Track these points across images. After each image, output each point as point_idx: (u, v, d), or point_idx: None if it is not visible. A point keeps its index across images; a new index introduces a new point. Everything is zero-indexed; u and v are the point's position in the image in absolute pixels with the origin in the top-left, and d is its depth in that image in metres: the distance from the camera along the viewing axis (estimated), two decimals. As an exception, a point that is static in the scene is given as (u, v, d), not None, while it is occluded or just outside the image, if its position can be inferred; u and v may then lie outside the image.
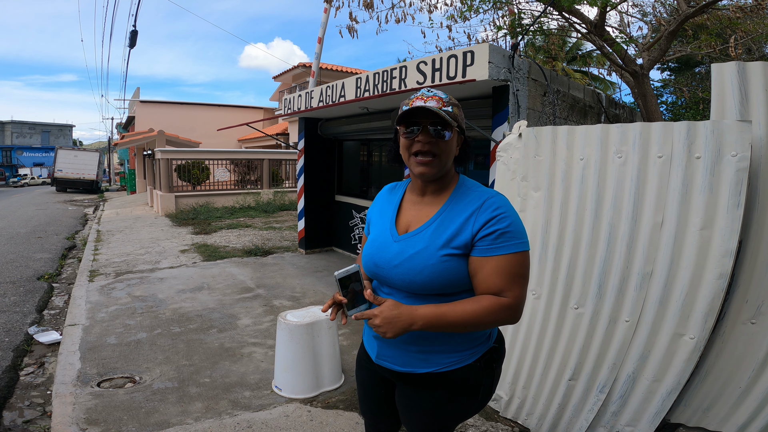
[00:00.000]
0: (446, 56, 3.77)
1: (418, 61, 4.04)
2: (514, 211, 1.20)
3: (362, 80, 4.74)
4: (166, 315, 4.21)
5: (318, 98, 5.58)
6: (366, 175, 6.92)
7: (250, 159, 13.48)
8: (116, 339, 3.69)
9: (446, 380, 1.23)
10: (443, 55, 3.81)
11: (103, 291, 4.97)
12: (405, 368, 1.26)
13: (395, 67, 4.33)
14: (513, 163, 2.39)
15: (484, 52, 3.47)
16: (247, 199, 12.55)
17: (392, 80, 4.32)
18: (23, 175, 40.04)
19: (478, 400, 1.28)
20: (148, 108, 20.58)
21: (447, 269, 1.16)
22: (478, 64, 3.49)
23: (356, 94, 4.84)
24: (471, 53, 3.56)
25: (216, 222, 10.25)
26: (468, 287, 1.20)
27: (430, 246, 1.19)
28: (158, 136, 14.53)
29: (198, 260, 6.51)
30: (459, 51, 3.68)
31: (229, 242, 7.90)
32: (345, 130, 6.38)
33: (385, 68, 4.46)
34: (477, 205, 1.19)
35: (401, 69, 4.22)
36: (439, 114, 1.15)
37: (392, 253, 1.24)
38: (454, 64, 3.69)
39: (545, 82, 4.06)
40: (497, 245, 1.13)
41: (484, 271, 1.14)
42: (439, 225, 1.21)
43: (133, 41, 8.28)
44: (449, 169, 1.26)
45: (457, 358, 1.23)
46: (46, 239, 8.82)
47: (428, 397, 1.27)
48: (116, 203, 16.77)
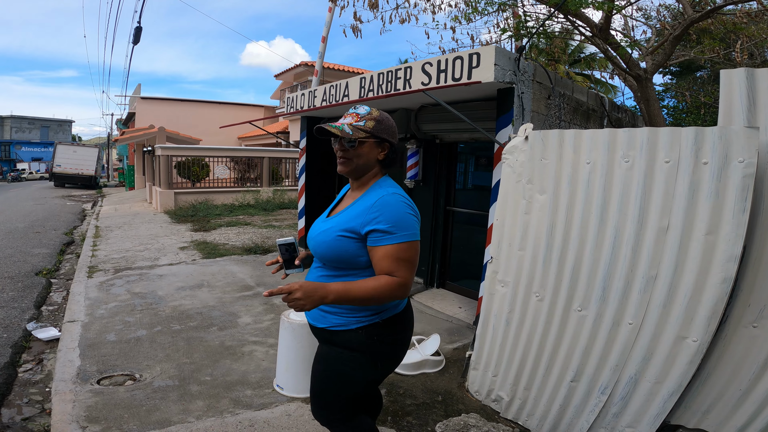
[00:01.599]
0: (452, 58, 3.77)
1: (423, 62, 4.04)
2: (397, 210, 1.47)
3: (366, 80, 4.73)
4: (165, 312, 4.20)
5: (321, 97, 5.56)
6: None
7: (250, 157, 13.46)
8: (116, 336, 3.68)
9: (335, 339, 1.57)
10: (448, 56, 3.81)
11: (102, 287, 4.95)
12: (312, 321, 1.63)
13: (400, 68, 4.32)
14: (518, 165, 2.39)
15: (490, 54, 3.47)
16: (246, 197, 12.53)
17: (396, 81, 4.32)
18: (21, 170, 39.92)
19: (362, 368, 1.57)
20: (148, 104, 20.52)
21: (339, 246, 1.50)
22: (484, 66, 3.49)
23: (360, 94, 4.83)
24: (477, 55, 3.56)
25: (215, 219, 10.24)
26: (367, 266, 1.51)
27: (334, 227, 1.53)
28: (159, 133, 14.50)
29: (197, 257, 6.50)
30: (464, 53, 3.68)
31: (228, 240, 7.89)
32: (347, 130, 6.38)
33: (390, 69, 4.45)
34: (370, 203, 1.48)
35: (406, 70, 4.21)
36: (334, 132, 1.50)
37: (317, 231, 1.61)
38: (460, 66, 3.68)
39: (550, 85, 4.06)
40: (382, 238, 1.45)
41: (375, 257, 1.47)
42: (347, 213, 1.54)
43: (137, 38, 8.26)
44: (370, 170, 1.60)
45: (343, 321, 1.55)
46: (44, 234, 8.79)
47: (323, 350, 1.65)
48: (115, 199, 16.73)
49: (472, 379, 2.93)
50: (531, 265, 2.41)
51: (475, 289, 5.04)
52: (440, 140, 5.15)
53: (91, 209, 14.42)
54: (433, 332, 3.84)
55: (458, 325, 4.24)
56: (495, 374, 2.73)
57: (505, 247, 2.61)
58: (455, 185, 5.24)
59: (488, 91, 3.89)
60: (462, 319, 4.42)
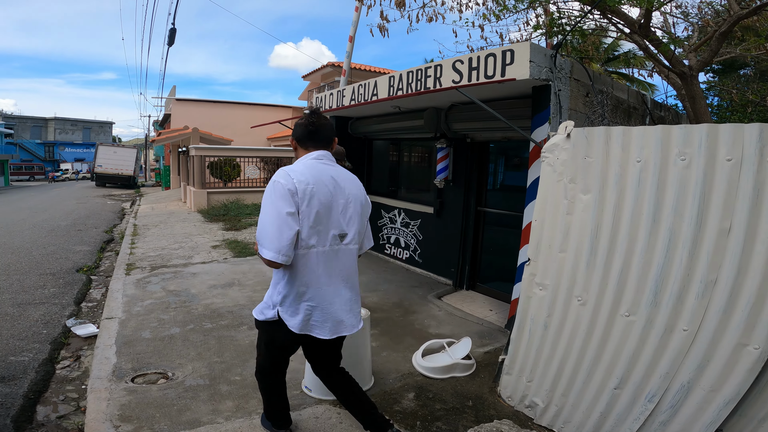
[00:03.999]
0: (484, 55, 3.65)
1: (454, 60, 3.94)
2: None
3: (395, 79, 4.66)
4: (198, 310, 4.26)
5: (350, 97, 5.54)
6: (395, 175, 6.85)
7: (279, 157, 13.63)
8: (150, 333, 3.75)
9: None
10: (480, 53, 3.69)
11: (139, 285, 5.08)
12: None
13: (430, 66, 4.23)
14: (560, 164, 2.27)
15: (525, 50, 3.34)
16: (275, 196, 12.68)
17: (426, 79, 4.23)
18: (64, 170, 41.94)
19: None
20: (183, 106, 21.13)
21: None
22: (519, 63, 3.36)
23: (389, 92, 4.77)
24: (510, 52, 3.43)
25: (245, 219, 10.40)
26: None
27: None
28: (192, 134, 14.89)
29: (229, 256, 6.59)
30: (497, 50, 3.56)
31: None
32: (375, 129, 6.33)
33: (420, 67, 4.37)
34: None
35: (436, 68, 4.12)
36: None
37: None
38: (492, 63, 3.56)
39: (588, 82, 3.88)
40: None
41: None
42: None
43: (171, 39, 8.48)
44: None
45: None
46: (86, 232, 9.16)
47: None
48: (151, 198, 17.31)
49: (504, 384, 2.82)
50: (573, 268, 2.28)
51: (507, 292, 4.90)
52: (471, 139, 5.02)
53: (129, 208, 14.97)
54: (464, 335, 3.74)
55: (489, 329, 4.12)
56: (530, 379, 2.61)
57: (545, 249, 2.49)
58: (486, 185, 5.10)
59: (522, 88, 3.76)
60: (493, 322, 4.29)
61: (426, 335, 3.89)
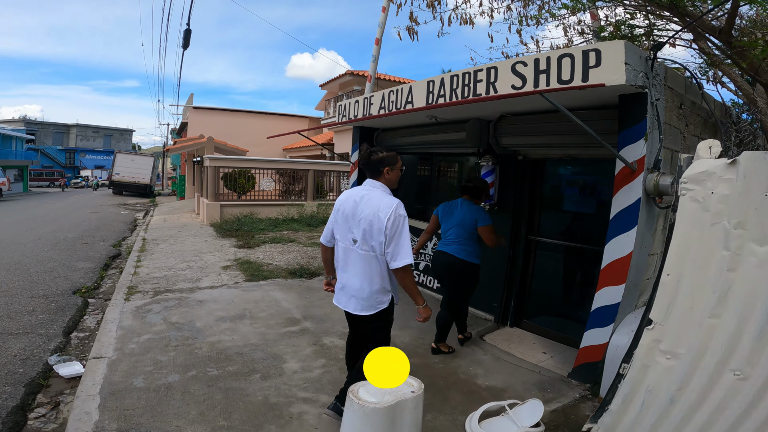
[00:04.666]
0: (555, 56, 3.01)
1: (514, 62, 3.29)
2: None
3: (435, 84, 4.04)
4: (202, 350, 3.62)
5: (378, 105, 4.92)
6: (425, 194, 6.19)
7: (295, 169, 13.12)
8: (144, 381, 3.12)
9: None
10: (551, 54, 3.05)
11: (138, 314, 4.48)
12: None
13: (480, 69, 3.60)
14: (716, 200, 1.62)
15: (619, 51, 2.69)
16: (290, 210, 12.15)
17: (477, 84, 3.59)
18: (84, 177, 42.32)
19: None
20: (200, 114, 20.94)
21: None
22: (610, 65, 2.71)
23: (428, 100, 4.14)
24: (596, 52, 2.78)
25: (259, 235, 9.84)
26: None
27: None
28: (207, 143, 14.51)
29: (240, 280, 5.98)
30: (576, 49, 2.92)
31: (272, 259, 7.38)
32: (405, 143, 5.69)
33: (467, 70, 3.74)
34: None
35: (489, 71, 3.48)
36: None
37: None
38: (569, 66, 2.91)
39: (682, 92, 3.20)
40: None
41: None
42: None
43: (186, 41, 8.03)
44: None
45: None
46: (92, 246, 8.68)
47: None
48: (165, 209, 16.95)
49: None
50: (732, 338, 1.65)
51: (560, 330, 4.20)
52: (523, 156, 4.35)
53: (142, 219, 14.59)
54: (519, 386, 3.11)
55: (549, 378, 3.41)
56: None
57: (681, 312, 1.95)
58: (540, 211, 4.40)
59: (603, 97, 3.10)
60: (551, 368, 3.58)
61: (475, 388, 3.20)
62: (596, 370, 3.12)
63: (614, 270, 3.02)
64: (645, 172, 2.89)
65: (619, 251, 2.99)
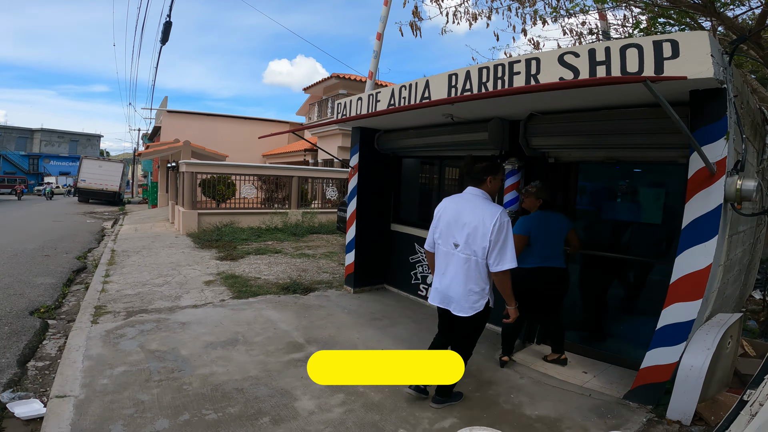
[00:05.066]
0: (616, 46, 2.62)
1: (562, 52, 2.88)
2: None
3: (459, 77, 3.59)
4: (193, 386, 3.00)
5: (387, 101, 4.44)
6: (428, 200, 5.73)
7: (278, 176, 12.47)
8: (123, 428, 2.50)
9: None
10: (609, 44, 2.67)
11: (108, 340, 3.81)
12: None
13: (518, 60, 3.17)
14: None
15: (704, 42, 2.34)
16: (274, 219, 11.48)
17: (513, 76, 3.16)
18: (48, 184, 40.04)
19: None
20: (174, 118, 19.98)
21: None
22: (692, 57, 2.35)
23: (450, 93, 3.69)
24: (672, 43, 2.41)
25: (242, 245, 9.16)
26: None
27: None
28: (183, 147, 13.70)
29: (226, 297, 5.34)
30: (643, 40, 2.54)
31: (260, 273, 6.74)
32: (412, 145, 5.23)
33: (499, 61, 3.31)
34: None
35: (529, 62, 3.05)
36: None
37: None
38: (636, 57, 2.53)
39: (741, 90, 2.88)
40: None
41: None
42: None
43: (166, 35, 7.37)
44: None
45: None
46: (54, 258, 7.81)
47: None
48: (136, 218, 15.93)
49: None
50: None
51: (594, 347, 3.78)
52: (555, 159, 3.94)
53: (110, 228, 13.59)
54: (574, 414, 2.80)
55: (602, 401, 3.02)
56: None
57: None
58: (573, 218, 3.99)
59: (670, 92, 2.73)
60: (600, 390, 3.18)
61: (526, 420, 2.75)
62: (661, 391, 2.81)
63: (688, 284, 2.64)
64: (726, 176, 2.51)
65: (695, 264, 2.62)
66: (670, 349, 2.74)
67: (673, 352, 2.72)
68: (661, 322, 2.78)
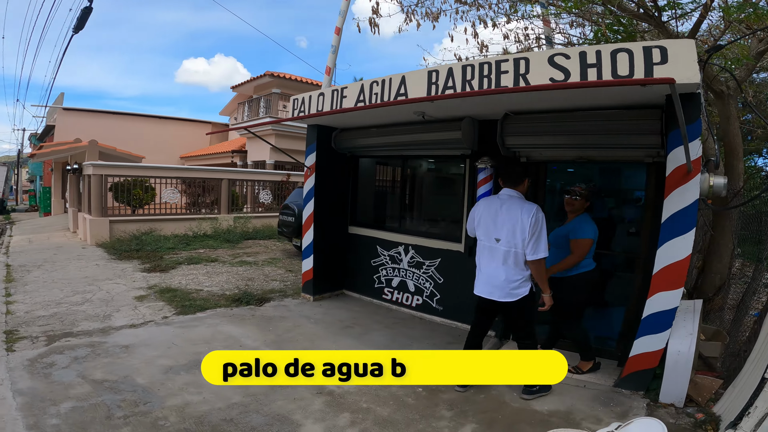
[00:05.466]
0: (607, 50, 2.76)
1: (551, 54, 2.96)
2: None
3: (441, 75, 3.54)
4: (171, 421, 2.54)
5: (356, 97, 4.24)
6: (397, 203, 5.58)
7: (205, 178, 11.52)
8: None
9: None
10: (601, 48, 2.80)
11: (35, 370, 3.14)
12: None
13: (505, 59, 3.20)
14: None
15: (691, 49, 2.55)
16: (202, 225, 10.57)
17: (501, 75, 3.18)
18: None
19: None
20: (72, 116, 17.60)
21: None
22: (680, 62, 2.53)
23: (429, 91, 3.62)
24: (661, 49, 2.58)
25: (169, 255, 8.28)
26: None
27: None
28: (89, 148, 12.11)
29: (168, 313, 4.74)
30: (635, 45, 2.70)
31: (200, 284, 6.12)
32: (375, 144, 5.06)
33: (485, 60, 3.32)
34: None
35: (518, 62, 3.09)
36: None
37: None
38: (627, 61, 2.66)
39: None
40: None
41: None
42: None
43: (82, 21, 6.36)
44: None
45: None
46: (-73, 278, 6.36)
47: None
48: (27, 227, 13.71)
49: None
50: None
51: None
52: (527, 158, 4.05)
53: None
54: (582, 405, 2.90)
55: (599, 390, 3.16)
56: None
57: None
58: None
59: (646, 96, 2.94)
60: (593, 381, 3.32)
61: (540, 416, 2.78)
62: (650, 377, 3.00)
63: (670, 274, 2.85)
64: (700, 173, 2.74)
65: (675, 255, 2.83)
66: (656, 336, 2.92)
67: (659, 339, 2.91)
68: (646, 311, 2.95)
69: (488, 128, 4.13)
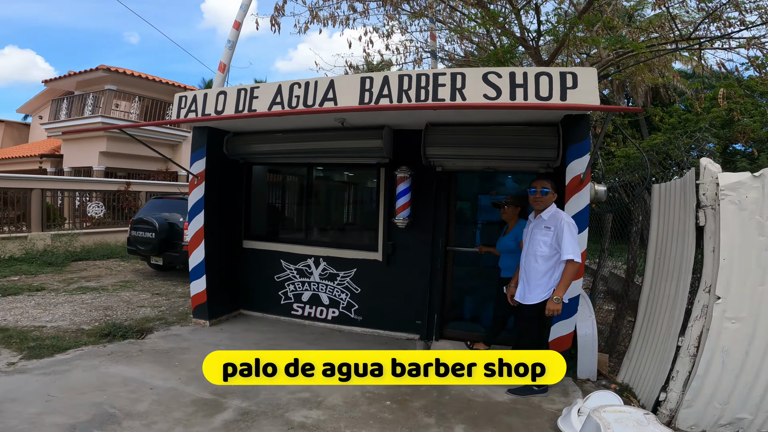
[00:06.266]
0: (532, 72, 3.22)
1: (486, 71, 3.31)
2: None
3: (375, 82, 3.57)
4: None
5: (270, 99, 3.90)
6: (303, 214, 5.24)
7: (6, 188, 8.96)
8: None
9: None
10: (527, 70, 3.25)
11: None
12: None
13: (442, 72, 3.44)
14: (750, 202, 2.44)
15: (593, 76, 3.14)
16: (6, 247, 8.21)
17: (438, 89, 3.39)
18: None
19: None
20: None
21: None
22: (584, 88, 3.11)
23: (362, 99, 3.60)
24: (573, 75, 3.13)
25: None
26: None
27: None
28: None
29: (14, 358, 3.56)
30: (553, 70, 3.20)
31: (35, 319, 4.76)
32: (279, 150, 4.71)
33: (423, 71, 3.51)
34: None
35: (455, 76, 3.35)
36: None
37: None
38: (547, 84, 3.15)
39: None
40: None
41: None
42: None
43: None
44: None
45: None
46: None
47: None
48: None
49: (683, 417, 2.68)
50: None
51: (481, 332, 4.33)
52: (442, 168, 4.34)
53: None
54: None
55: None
56: (725, 402, 2.61)
57: (736, 286, 2.52)
58: (454, 222, 4.49)
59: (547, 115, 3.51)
60: None
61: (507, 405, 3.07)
62: (568, 357, 3.42)
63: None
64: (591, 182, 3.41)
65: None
66: (567, 321, 3.44)
67: (569, 323, 3.44)
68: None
69: (404, 137, 4.31)
